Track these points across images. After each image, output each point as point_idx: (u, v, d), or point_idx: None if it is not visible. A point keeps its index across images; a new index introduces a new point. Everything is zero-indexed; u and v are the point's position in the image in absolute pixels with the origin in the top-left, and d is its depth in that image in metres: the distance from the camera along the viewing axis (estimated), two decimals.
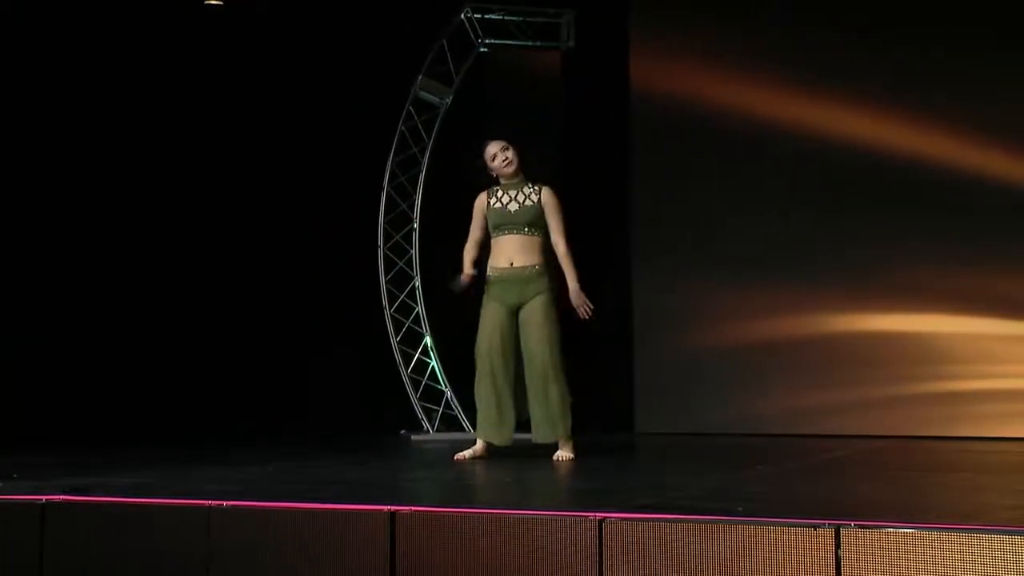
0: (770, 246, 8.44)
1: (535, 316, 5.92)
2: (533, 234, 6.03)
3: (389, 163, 8.87)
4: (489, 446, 6.05)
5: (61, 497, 3.97)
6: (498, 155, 6.18)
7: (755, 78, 8.59)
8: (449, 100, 8.96)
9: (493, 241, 6.11)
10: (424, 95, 8.92)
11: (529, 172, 6.25)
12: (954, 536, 2.91)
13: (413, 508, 3.55)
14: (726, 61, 8.73)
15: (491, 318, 6.00)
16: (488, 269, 6.08)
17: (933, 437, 7.74)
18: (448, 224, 9.17)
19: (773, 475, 5.27)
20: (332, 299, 8.94)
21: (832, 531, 3.01)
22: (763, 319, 8.52)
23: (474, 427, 6.33)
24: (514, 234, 6.03)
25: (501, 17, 9.00)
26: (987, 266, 7.91)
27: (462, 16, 8.91)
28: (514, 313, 6.01)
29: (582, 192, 9.08)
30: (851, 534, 3.00)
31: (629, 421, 8.68)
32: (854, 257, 8.22)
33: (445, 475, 5.43)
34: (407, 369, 8.76)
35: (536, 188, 6.11)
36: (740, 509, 3.42)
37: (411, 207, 8.97)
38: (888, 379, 8.16)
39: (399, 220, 8.96)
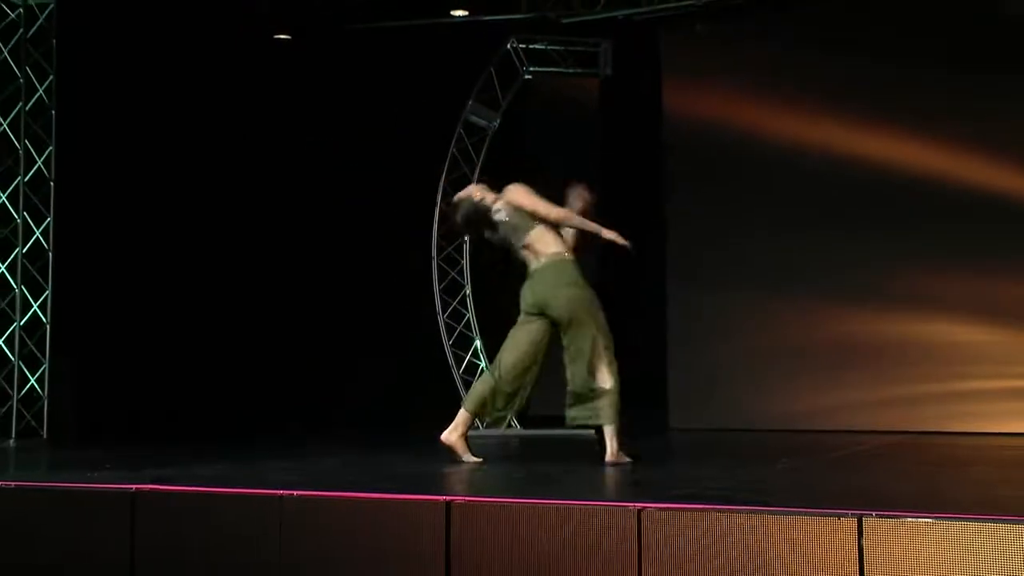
0: (796, 257, 8.40)
1: None
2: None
3: (442, 182, 8.92)
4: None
5: (150, 486, 4.03)
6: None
7: (782, 102, 8.55)
8: (497, 123, 9.00)
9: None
10: (474, 119, 8.97)
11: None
12: (972, 526, 2.89)
13: (467, 498, 3.57)
14: (754, 88, 8.69)
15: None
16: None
17: (951, 433, 7.64)
18: None
19: (799, 468, 5.24)
20: (391, 307, 9.01)
21: (855, 521, 3.00)
22: (790, 324, 8.48)
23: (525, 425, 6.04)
24: None
25: (544, 47, 9.04)
26: (1002, 273, 7.85)
27: (508, 46, 8.95)
28: None
29: (619, 208, 9.09)
30: (873, 524, 2.98)
31: (663, 418, 8.65)
32: (876, 267, 8.16)
33: (495, 468, 5.45)
34: (459, 370, 8.80)
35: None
36: (768, 500, 3.41)
37: None
38: (908, 378, 8.09)
39: (451, 234, 9.01)
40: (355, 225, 9.13)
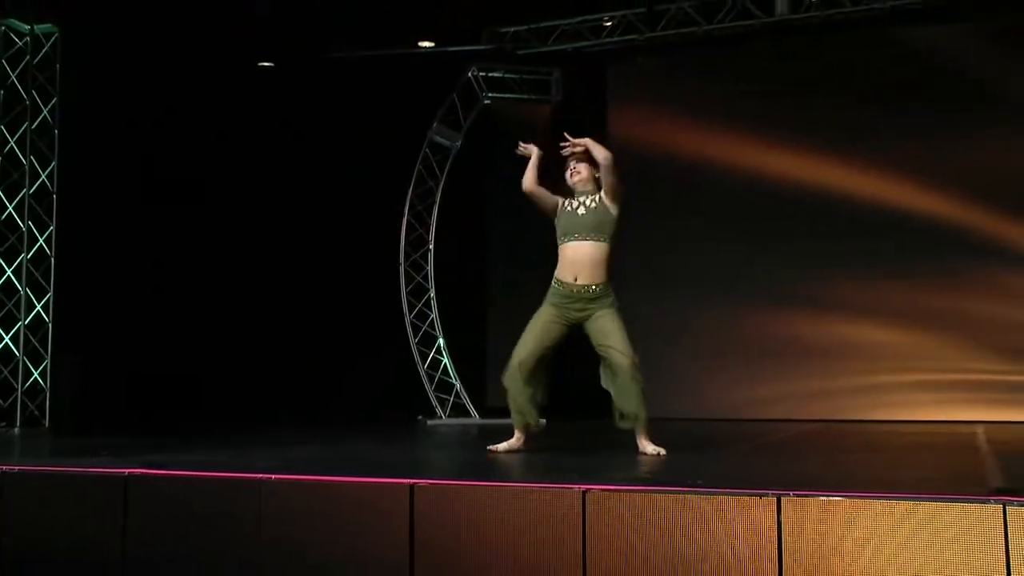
0: (728, 268, 8.54)
1: (607, 323, 5.00)
2: (600, 240, 5.04)
3: (409, 195, 8.91)
4: (527, 430, 5.09)
5: (141, 470, 3.99)
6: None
7: (716, 128, 8.68)
8: (459, 143, 8.99)
9: (560, 249, 5.08)
10: (438, 139, 8.96)
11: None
12: (875, 503, 2.94)
13: (430, 481, 3.56)
14: (690, 114, 8.82)
15: (542, 322, 5.00)
16: (553, 280, 5.05)
17: (863, 420, 7.79)
18: (457, 245, 9.23)
19: (726, 453, 5.28)
20: (361, 308, 8.95)
21: (774, 500, 3.03)
22: (723, 326, 8.59)
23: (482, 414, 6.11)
24: (581, 240, 5.03)
25: (502, 75, 9.06)
26: (909, 281, 8.05)
27: (470, 74, 8.96)
28: (569, 327, 5.03)
29: None
30: (791, 502, 3.01)
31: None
32: (800, 275, 8.36)
33: (456, 454, 5.44)
34: (424, 365, 8.78)
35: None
36: (700, 482, 3.43)
37: (427, 231, 9.01)
38: (828, 373, 8.27)
39: (417, 242, 9.00)
40: (332, 231, 9.06)
